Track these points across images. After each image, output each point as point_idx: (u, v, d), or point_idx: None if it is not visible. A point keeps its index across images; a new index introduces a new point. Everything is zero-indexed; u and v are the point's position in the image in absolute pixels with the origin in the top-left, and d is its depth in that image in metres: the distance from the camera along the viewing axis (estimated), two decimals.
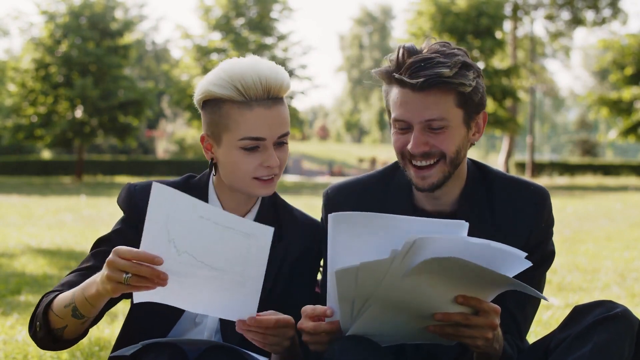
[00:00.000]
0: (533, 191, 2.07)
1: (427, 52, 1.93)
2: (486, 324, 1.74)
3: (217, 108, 1.96)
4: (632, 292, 5.21)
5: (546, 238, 2.07)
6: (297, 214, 2.15)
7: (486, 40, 31.23)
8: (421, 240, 1.62)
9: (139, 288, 1.69)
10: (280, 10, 33.98)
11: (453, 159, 1.97)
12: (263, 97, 1.93)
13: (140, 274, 1.66)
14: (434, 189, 1.98)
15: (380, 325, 1.79)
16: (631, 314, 1.82)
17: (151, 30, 64.98)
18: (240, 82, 1.92)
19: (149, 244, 1.69)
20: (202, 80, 1.99)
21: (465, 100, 1.94)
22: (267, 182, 1.98)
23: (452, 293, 1.72)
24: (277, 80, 1.94)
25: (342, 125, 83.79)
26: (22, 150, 42.63)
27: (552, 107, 76.08)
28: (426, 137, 1.94)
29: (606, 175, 40.13)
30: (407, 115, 1.93)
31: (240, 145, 1.94)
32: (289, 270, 2.07)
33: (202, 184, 2.08)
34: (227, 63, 1.97)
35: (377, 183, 2.14)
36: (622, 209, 14.05)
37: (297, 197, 15.68)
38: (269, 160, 1.95)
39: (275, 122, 1.95)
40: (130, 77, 33.15)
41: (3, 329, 3.93)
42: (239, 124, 1.93)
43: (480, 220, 2.03)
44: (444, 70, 1.87)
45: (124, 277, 1.67)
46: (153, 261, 1.67)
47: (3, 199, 16.63)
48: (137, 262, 1.67)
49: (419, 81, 1.88)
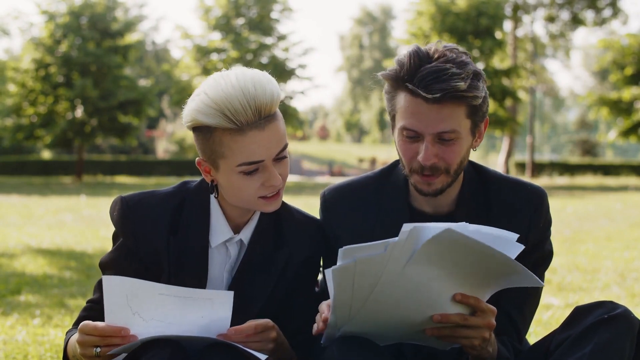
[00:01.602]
0: (530, 191, 2.07)
1: (437, 59, 1.90)
2: (484, 324, 1.75)
3: (208, 135, 1.87)
4: (632, 292, 5.21)
5: (544, 238, 2.07)
6: (297, 215, 2.13)
7: (486, 41, 31.22)
8: (416, 228, 1.62)
9: (112, 356, 1.78)
10: (281, 11, 33.95)
11: (457, 170, 1.98)
12: (254, 120, 1.83)
13: (110, 344, 1.76)
14: (437, 194, 1.99)
15: (377, 324, 1.79)
16: (632, 314, 1.82)
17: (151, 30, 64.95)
18: (228, 109, 1.81)
19: (113, 318, 1.78)
20: (188, 106, 1.88)
21: (475, 111, 1.94)
22: (273, 198, 1.94)
23: (451, 290, 1.72)
24: (265, 98, 1.83)
25: (342, 125, 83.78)
26: (22, 150, 42.60)
27: (552, 107, 76.05)
28: (437, 149, 1.93)
29: (606, 175, 40.12)
30: (419, 126, 1.91)
31: (239, 170, 1.88)
32: (292, 275, 2.06)
33: (203, 194, 2.03)
34: (210, 87, 1.85)
35: (374, 184, 2.14)
36: (622, 209, 14.05)
37: (297, 197, 15.67)
38: (270, 179, 1.90)
39: (271, 142, 1.87)
40: (131, 77, 33.14)
41: (3, 329, 3.93)
42: (233, 151, 1.85)
43: (478, 221, 2.03)
44: (459, 84, 1.85)
45: (95, 351, 1.77)
46: (120, 333, 1.75)
47: (3, 199, 16.62)
48: (107, 339, 1.75)
49: (435, 96, 1.86)
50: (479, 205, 2.06)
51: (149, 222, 1.98)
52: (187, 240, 1.99)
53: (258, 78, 1.86)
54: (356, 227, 2.08)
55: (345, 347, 1.77)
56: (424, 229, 1.63)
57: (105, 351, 1.76)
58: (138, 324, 1.78)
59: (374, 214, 2.09)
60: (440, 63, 1.88)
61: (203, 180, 2.05)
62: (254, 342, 1.84)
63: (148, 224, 1.98)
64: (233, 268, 2.03)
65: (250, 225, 2.04)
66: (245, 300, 2.00)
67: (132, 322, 1.78)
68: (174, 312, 1.80)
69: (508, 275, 1.73)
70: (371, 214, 2.09)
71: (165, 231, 1.99)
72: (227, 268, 2.02)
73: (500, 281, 1.76)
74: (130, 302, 1.76)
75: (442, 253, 1.66)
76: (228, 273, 2.02)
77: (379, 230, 2.06)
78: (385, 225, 2.06)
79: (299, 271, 2.07)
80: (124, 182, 30.27)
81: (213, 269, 2.02)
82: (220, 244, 2.02)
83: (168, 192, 2.05)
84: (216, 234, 2.01)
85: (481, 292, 1.76)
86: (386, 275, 1.67)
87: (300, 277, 2.08)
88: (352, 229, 2.08)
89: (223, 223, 2.01)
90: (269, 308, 2.01)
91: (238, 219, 2.03)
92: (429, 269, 1.68)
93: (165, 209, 2.01)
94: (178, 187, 2.07)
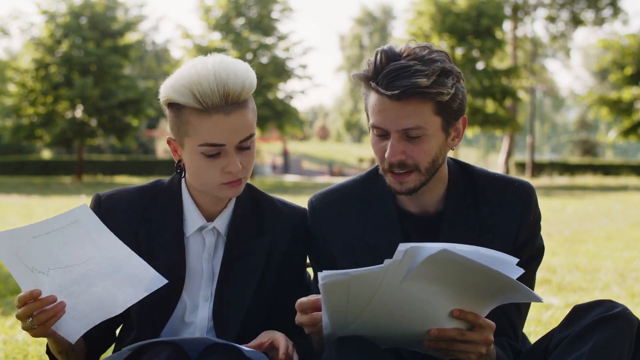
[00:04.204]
0: (518, 187, 2.07)
1: (405, 57, 1.90)
2: (481, 340, 1.75)
3: (178, 112, 1.92)
4: (632, 292, 5.21)
5: (535, 233, 2.08)
6: (279, 205, 2.14)
7: (486, 41, 31.22)
8: (412, 248, 1.61)
9: (46, 324, 1.79)
10: (281, 10, 33.96)
11: (429, 168, 1.97)
12: (221, 104, 1.87)
13: (32, 312, 1.78)
14: (411, 192, 1.99)
15: (375, 331, 1.79)
16: (631, 313, 1.82)
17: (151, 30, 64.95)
18: (197, 90, 1.86)
19: (23, 284, 1.80)
20: (165, 83, 1.95)
21: (444, 108, 1.93)
22: (234, 184, 1.96)
23: (449, 306, 1.72)
24: (235, 85, 1.87)
25: (342, 125, 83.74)
26: (22, 150, 42.64)
27: (552, 107, 76.05)
28: (403, 146, 1.93)
29: (606, 175, 40.13)
30: (385, 123, 1.93)
31: (200, 151, 1.91)
32: (279, 262, 2.07)
33: (175, 185, 2.07)
34: (188, 67, 1.92)
35: (360, 188, 2.13)
36: (622, 209, 14.04)
37: (297, 197, 15.68)
38: (229, 165, 1.92)
39: (234, 128, 1.89)
40: (131, 77, 33.15)
41: (3, 329, 3.93)
42: (197, 131, 1.89)
43: (466, 219, 2.03)
44: (420, 80, 1.85)
45: (28, 322, 1.79)
46: (32, 295, 1.77)
47: (3, 199, 16.62)
48: (26, 306, 1.77)
49: (394, 93, 1.87)
50: (467, 204, 2.05)
51: (118, 214, 2.02)
52: (159, 231, 2.02)
53: (234, 66, 1.91)
54: (345, 232, 2.08)
55: (344, 347, 1.77)
56: (420, 249, 1.62)
57: (36, 321, 1.78)
58: (43, 280, 1.80)
59: (362, 217, 2.09)
60: (406, 61, 1.89)
61: (175, 175, 2.09)
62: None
63: (117, 216, 2.02)
64: (212, 256, 2.04)
65: (224, 214, 2.05)
66: (235, 290, 2.01)
67: (38, 281, 1.79)
68: (60, 252, 1.80)
69: (508, 292, 1.72)
70: (360, 217, 2.09)
71: (135, 222, 2.02)
72: (205, 257, 2.04)
73: (499, 297, 1.75)
74: (22, 258, 1.78)
75: (440, 271, 1.65)
76: (206, 262, 2.04)
77: (369, 232, 2.06)
78: (374, 228, 2.06)
79: (285, 261, 2.08)
80: (124, 182, 30.25)
81: (190, 259, 2.03)
82: (195, 232, 2.04)
83: (142, 187, 2.11)
84: (189, 222, 2.04)
85: (480, 307, 1.75)
86: (382, 289, 1.67)
87: (288, 269, 2.09)
88: (341, 234, 2.08)
89: (195, 212, 2.03)
90: (260, 300, 2.03)
91: (210, 207, 2.05)
92: (427, 286, 1.67)
93: (137, 201, 2.05)
94: (153, 183, 2.12)
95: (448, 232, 2.01)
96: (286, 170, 46.59)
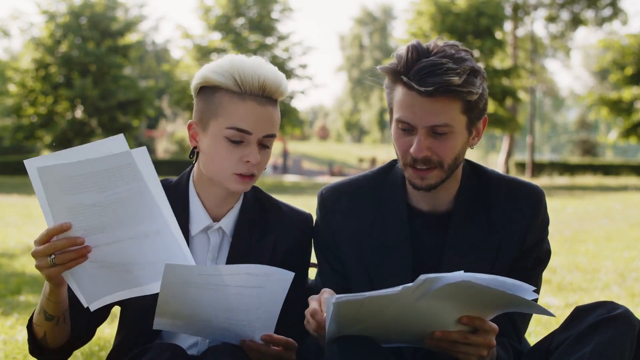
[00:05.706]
0: (528, 191, 2.08)
1: (435, 54, 1.91)
2: (484, 343, 1.75)
3: (210, 94, 1.96)
4: (632, 292, 5.21)
5: (543, 237, 2.08)
6: (285, 209, 2.16)
7: (486, 41, 31.23)
8: (430, 279, 1.61)
9: (67, 265, 1.71)
10: (281, 10, 33.99)
11: (451, 165, 1.98)
12: (257, 92, 1.93)
13: (58, 249, 1.69)
14: (430, 189, 1.99)
15: (379, 331, 1.79)
16: (632, 315, 1.82)
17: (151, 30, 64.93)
18: (238, 73, 1.93)
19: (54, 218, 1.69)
20: (202, 68, 2.00)
21: (471, 107, 1.94)
22: (245, 178, 1.97)
23: (456, 314, 1.72)
24: (275, 81, 1.94)
25: (342, 125, 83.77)
26: (22, 150, 42.59)
27: (552, 107, 76.07)
28: (429, 142, 1.94)
29: (606, 175, 40.11)
30: (413, 119, 1.92)
31: (225, 135, 1.93)
32: (281, 263, 2.06)
33: (182, 183, 2.08)
34: (231, 55, 1.99)
35: (372, 183, 2.14)
36: (622, 209, 14.04)
37: (297, 197, 15.68)
38: (249, 155, 1.94)
39: (263, 120, 1.94)
40: (131, 77, 33.16)
41: (3, 329, 3.93)
42: (228, 113, 1.93)
43: (476, 220, 2.04)
44: (453, 79, 1.86)
45: (49, 260, 1.70)
46: (62, 229, 1.68)
47: (3, 199, 16.62)
48: (51, 242, 1.69)
49: (427, 89, 1.87)
50: (477, 204, 2.06)
51: None
52: None
53: (276, 69, 1.99)
54: (354, 226, 2.09)
55: (347, 346, 1.77)
56: (438, 279, 1.62)
57: (59, 260, 1.70)
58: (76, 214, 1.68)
59: (372, 212, 2.09)
60: (438, 58, 1.90)
61: (183, 175, 2.10)
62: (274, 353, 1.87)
63: None
64: (216, 256, 2.05)
65: (230, 215, 2.06)
66: None
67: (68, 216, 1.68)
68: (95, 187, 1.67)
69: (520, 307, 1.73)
70: (369, 212, 2.10)
71: None
72: (209, 256, 2.04)
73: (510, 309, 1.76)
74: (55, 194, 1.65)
75: (456, 293, 1.65)
76: (211, 261, 2.04)
77: (377, 227, 2.07)
78: (383, 223, 2.06)
79: (288, 260, 2.08)
80: None
81: (195, 257, 2.03)
82: (200, 232, 2.04)
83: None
84: (195, 222, 2.04)
85: (487, 314, 1.76)
86: (395, 305, 1.68)
87: (292, 267, 2.09)
88: (349, 227, 2.09)
89: (201, 211, 2.04)
90: None
91: (216, 208, 2.06)
92: (440, 302, 1.68)
93: None
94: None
95: (457, 231, 2.02)
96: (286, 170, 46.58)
